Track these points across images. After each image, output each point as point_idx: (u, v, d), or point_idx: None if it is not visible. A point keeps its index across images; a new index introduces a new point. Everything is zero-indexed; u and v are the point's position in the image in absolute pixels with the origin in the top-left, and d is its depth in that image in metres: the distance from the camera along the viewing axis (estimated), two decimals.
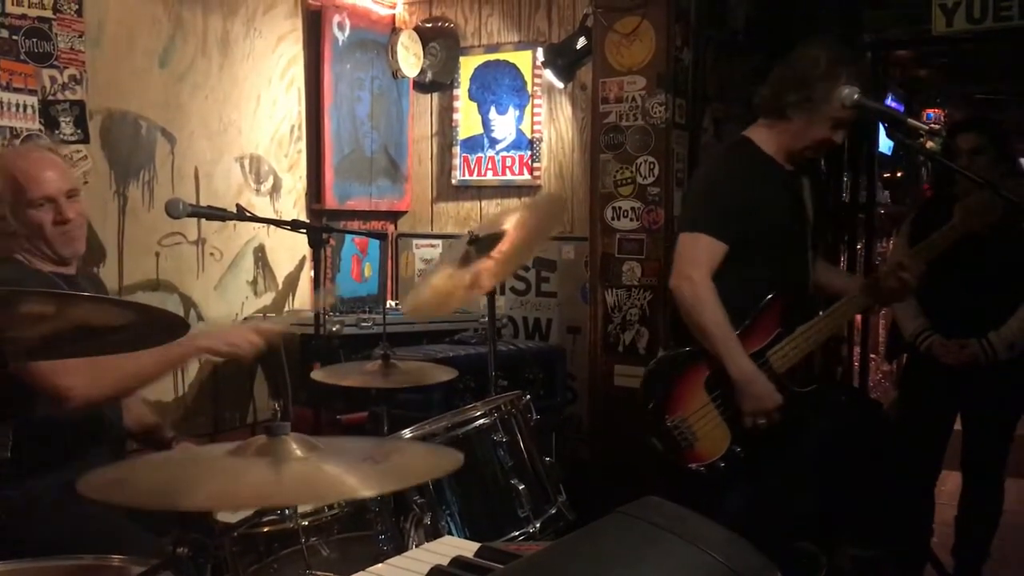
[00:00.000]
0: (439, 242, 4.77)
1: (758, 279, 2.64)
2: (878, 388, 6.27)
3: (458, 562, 1.10)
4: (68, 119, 3.23)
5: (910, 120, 2.49)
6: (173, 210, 2.70)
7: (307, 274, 4.36)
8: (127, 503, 1.26)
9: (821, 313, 2.70)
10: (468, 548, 1.20)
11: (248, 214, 2.92)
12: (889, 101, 6.35)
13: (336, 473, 1.24)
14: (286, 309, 4.25)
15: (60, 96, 3.21)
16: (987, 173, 3.09)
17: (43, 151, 2.44)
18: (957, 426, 3.43)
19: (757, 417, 2.57)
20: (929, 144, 3.36)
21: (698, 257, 2.61)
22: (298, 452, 1.38)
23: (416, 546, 2.03)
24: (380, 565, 1.22)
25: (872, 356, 6.14)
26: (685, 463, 2.64)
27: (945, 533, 3.55)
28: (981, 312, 3.22)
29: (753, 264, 2.63)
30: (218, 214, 2.88)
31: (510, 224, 2.83)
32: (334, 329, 3.76)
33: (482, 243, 2.78)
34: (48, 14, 3.17)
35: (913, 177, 7.85)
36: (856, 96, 2.38)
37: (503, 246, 2.75)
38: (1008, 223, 3.20)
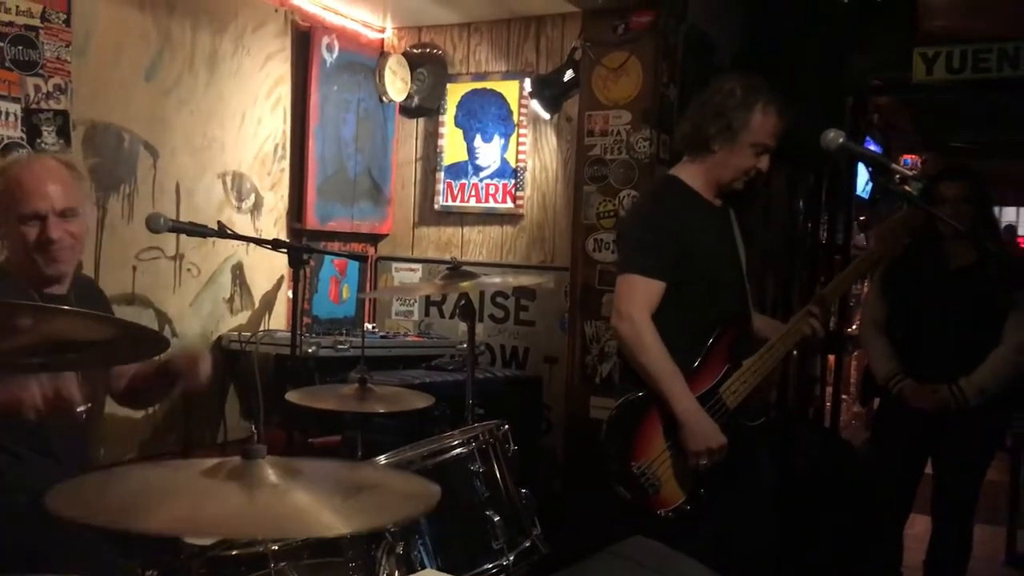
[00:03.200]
0: (419, 266, 4.77)
1: (700, 316, 2.62)
2: (849, 429, 6.31)
3: None
4: (51, 128, 3.20)
5: (893, 165, 2.52)
6: (154, 225, 2.67)
7: (284, 294, 4.33)
8: (89, 521, 1.22)
9: (764, 346, 2.69)
10: None
11: (229, 231, 2.90)
12: (869, 145, 6.45)
13: (309, 507, 1.22)
14: (262, 328, 4.21)
15: (44, 105, 3.19)
16: (972, 221, 3.14)
17: (50, 162, 2.34)
18: (928, 469, 3.45)
19: (701, 457, 2.54)
20: (907, 188, 3.41)
21: (634, 297, 2.58)
22: (272, 478, 1.36)
23: (387, 575, 2.00)
24: None
25: (844, 396, 6.18)
26: (653, 510, 2.58)
27: None
28: (953, 357, 3.24)
29: (693, 301, 2.61)
30: (199, 230, 2.85)
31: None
32: (310, 351, 3.73)
33: (460, 272, 2.86)
34: (35, 22, 3.15)
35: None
36: (841, 140, 2.41)
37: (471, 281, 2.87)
38: (982, 269, 3.26)
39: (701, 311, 2.62)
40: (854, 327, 5.96)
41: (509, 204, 4.55)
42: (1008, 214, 10.21)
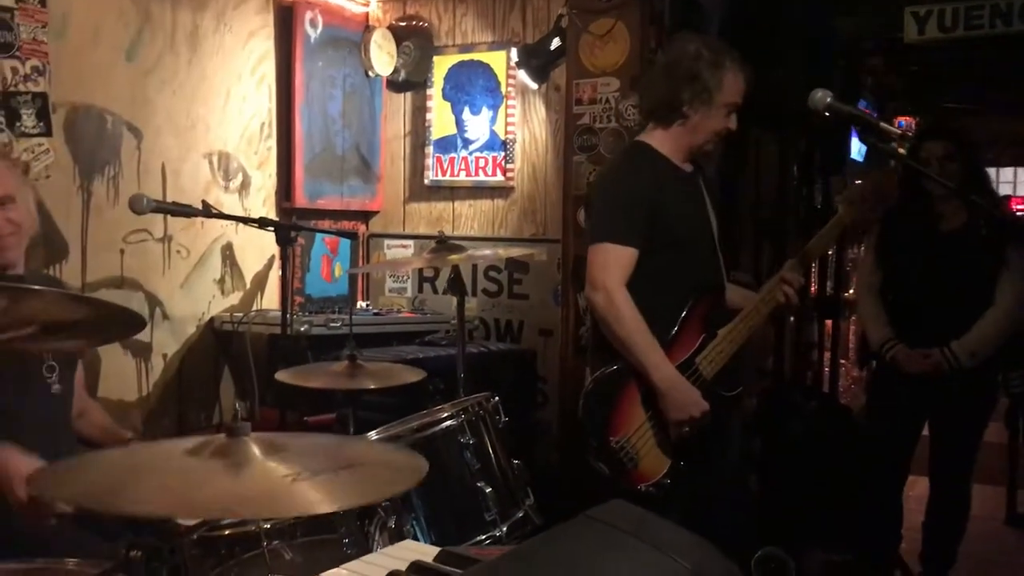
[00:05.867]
0: (411, 242, 4.73)
1: (674, 284, 2.58)
2: (848, 393, 6.31)
3: (416, 566, 1.07)
4: (30, 111, 3.16)
5: (882, 124, 2.47)
6: (137, 206, 2.65)
7: (275, 273, 4.30)
8: (72, 502, 1.20)
9: (738, 316, 2.62)
10: (428, 552, 1.17)
11: (214, 211, 2.87)
12: (862, 107, 6.39)
13: (295, 484, 1.20)
14: (254, 308, 4.19)
15: (22, 88, 3.14)
16: (957, 180, 3.11)
17: None
18: (925, 432, 3.45)
19: (683, 425, 2.50)
20: (900, 149, 3.37)
21: (607, 267, 2.52)
22: (258, 455, 1.34)
23: (381, 549, 1.99)
24: (337, 569, 1.18)
25: (843, 361, 6.17)
26: (633, 485, 2.53)
27: (913, 538, 3.56)
28: (946, 320, 3.22)
29: (666, 269, 2.56)
30: (183, 210, 2.83)
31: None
32: (302, 329, 3.71)
33: (448, 246, 2.82)
34: (10, 3, 3.10)
35: None
36: (828, 100, 2.37)
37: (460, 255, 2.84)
38: (973, 229, 3.24)
39: (674, 279, 2.58)
40: (851, 291, 5.94)
41: (499, 177, 4.51)
42: (1005, 174, 10.17)
